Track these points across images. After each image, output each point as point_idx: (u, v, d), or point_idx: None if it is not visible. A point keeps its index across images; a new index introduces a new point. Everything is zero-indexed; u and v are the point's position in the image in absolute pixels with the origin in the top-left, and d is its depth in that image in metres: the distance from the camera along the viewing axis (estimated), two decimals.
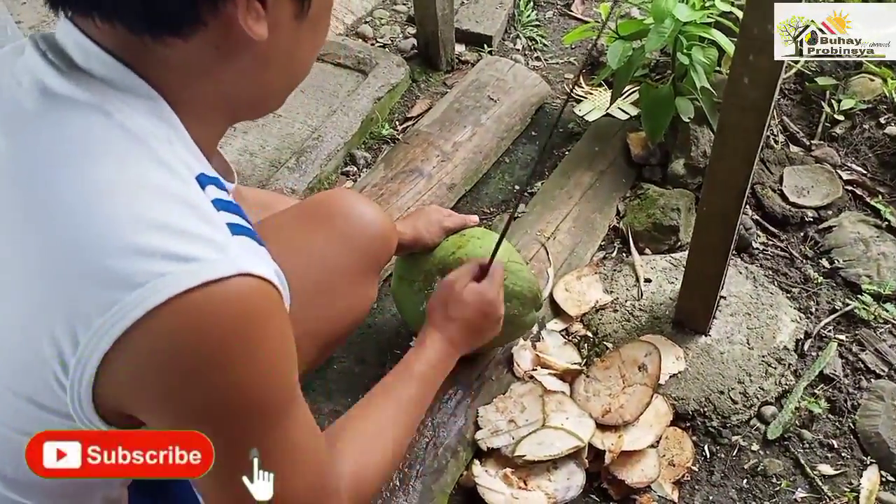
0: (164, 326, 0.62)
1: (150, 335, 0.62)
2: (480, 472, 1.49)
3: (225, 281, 0.64)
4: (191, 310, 0.62)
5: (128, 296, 0.61)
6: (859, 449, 1.57)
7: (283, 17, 0.70)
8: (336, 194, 1.29)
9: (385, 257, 1.29)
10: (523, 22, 2.75)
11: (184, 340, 0.63)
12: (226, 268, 0.64)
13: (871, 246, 1.90)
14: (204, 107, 0.73)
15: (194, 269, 0.63)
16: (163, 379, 0.65)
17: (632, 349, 1.65)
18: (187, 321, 0.63)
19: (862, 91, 2.23)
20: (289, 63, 0.77)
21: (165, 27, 0.65)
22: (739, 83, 1.24)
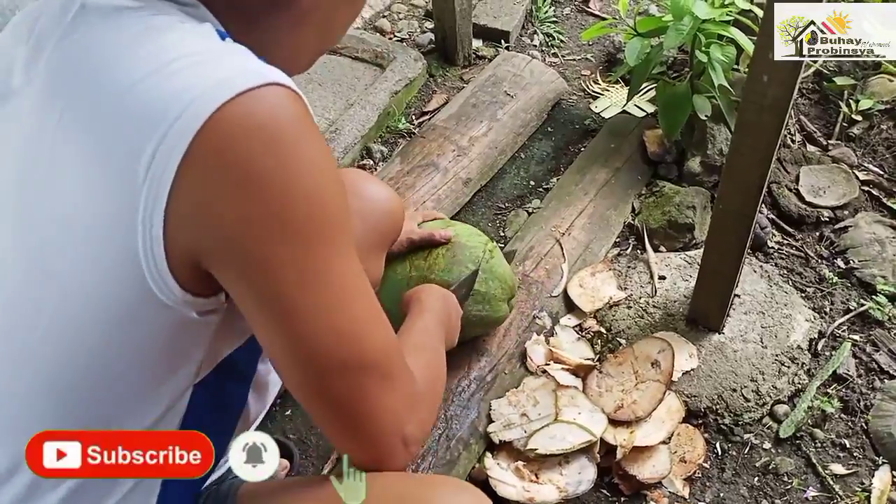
0: (209, 147, 0.63)
1: (201, 160, 0.64)
2: (492, 464, 1.50)
3: (257, 89, 0.65)
4: (228, 123, 0.64)
5: (173, 127, 0.63)
6: (871, 449, 1.57)
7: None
8: (348, 173, 1.32)
9: (393, 235, 1.33)
10: (541, 18, 2.75)
11: (228, 154, 0.64)
12: (255, 79, 0.65)
13: (887, 246, 1.89)
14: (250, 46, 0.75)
15: (225, 84, 0.64)
16: (218, 202, 0.65)
17: (645, 346, 1.65)
18: (227, 134, 0.64)
19: (880, 91, 2.22)
20: (324, 25, 0.80)
21: None
22: (759, 81, 1.24)
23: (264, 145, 0.65)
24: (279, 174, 0.66)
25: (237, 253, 0.67)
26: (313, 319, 0.71)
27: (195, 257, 0.68)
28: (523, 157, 2.26)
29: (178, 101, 0.63)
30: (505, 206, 2.12)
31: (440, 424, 1.53)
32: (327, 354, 0.72)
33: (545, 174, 2.21)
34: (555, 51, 2.67)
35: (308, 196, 0.67)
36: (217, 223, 0.66)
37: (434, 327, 1.14)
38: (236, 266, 0.68)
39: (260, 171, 0.65)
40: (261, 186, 0.65)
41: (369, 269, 1.23)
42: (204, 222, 0.66)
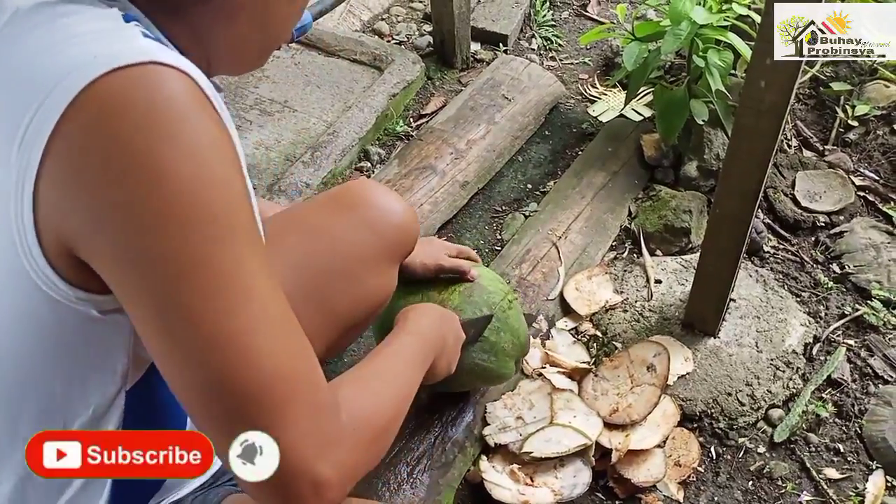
0: (79, 123, 0.60)
1: (69, 135, 0.61)
2: (487, 467, 1.50)
3: (136, 66, 0.61)
4: (100, 98, 0.60)
5: (48, 98, 0.61)
6: (865, 454, 1.57)
7: None
8: (362, 184, 1.29)
9: (406, 248, 1.29)
10: (539, 22, 2.75)
11: (97, 130, 0.60)
12: (136, 55, 0.62)
13: (882, 252, 1.90)
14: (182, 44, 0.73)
15: (100, 59, 0.61)
16: (85, 179, 0.61)
17: (641, 349, 1.66)
18: (98, 110, 0.60)
19: (877, 97, 2.23)
20: (260, 18, 0.76)
21: None
22: (756, 86, 1.25)
23: (135, 123, 0.60)
24: (149, 156, 0.60)
25: (105, 241, 0.62)
26: (189, 324, 0.62)
27: (67, 245, 0.64)
28: (521, 161, 2.27)
29: (57, 72, 0.61)
30: (502, 209, 2.12)
31: (435, 427, 1.53)
32: (207, 368, 0.63)
33: (542, 178, 2.21)
34: (553, 54, 2.68)
35: (182, 181, 0.61)
36: (83, 207, 0.62)
37: (410, 351, 1.02)
38: (105, 256, 0.63)
39: (128, 151, 0.60)
40: (128, 168, 0.60)
41: (381, 283, 1.23)
42: (70, 205, 0.62)
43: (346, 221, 1.19)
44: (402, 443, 1.51)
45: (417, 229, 1.31)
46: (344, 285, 1.16)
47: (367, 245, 1.19)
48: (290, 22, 0.81)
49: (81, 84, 0.60)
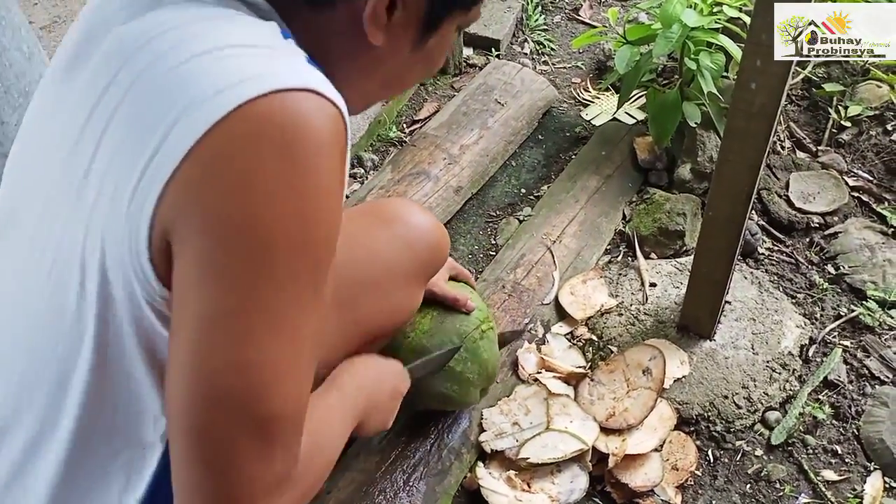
0: (228, 134, 0.63)
1: (213, 144, 0.63)
2: (484, 474, 1.49)
3: (293, 92, 0.64)
4: (254, 116, 0.62)
5: (200, 108, 0.63)
6: (863, 455, 1.57)
7: (403, 37, 0.76)
8: (399, 201, 1.35)
9: (437, 267, 1.31)
10: (531, 26, 2.75)
11: (243, 146, 0.63)
12: (296, 80, 0.64)
13: (877, 252, 1.90)
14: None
15: (263, 79, 0.63)
16: (215, 186, 0.63)
17: (636, 353, 1.65)
18: (249, 127, 0.62)
19: (869, 97, 2.23)
20: (391, 79, 0.82)
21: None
22: (747, 89, 1.25)
23: (282, 148, 0.63)
24: (279, 184, 0.63)
25: (201, 244, 0.64)
26: (232, 342, 0.65)
27: (167, 238, 0.65)
28: (514, 165, 2.27)
29: (214, 84, 0.63)
30: (496, 214, 2.12)
31: (431, 434, 1.53)
32: (225, 385, 0.65)
33: (536, 182, 2.21)
34: (545, 59, 2.68)
35: (299, 216, 0.64)
36: (200, 210, 0.64)
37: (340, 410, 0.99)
38: (194, 256, 0.65)
39: (261, 174, 0.63)
40: (255, 189, 0.63)
41: (409, 298, 1.26)
42: (192, 201, 0.64)
43: (384, 235, 1.23)
44: (398, 450, 1.50)
45: (448, 249, 1.34)
46: (374, 297, 1.19)
47: (402, 261, 1.22)
48: (415, 81, 0.87)
49: (242, 98, 0.62)
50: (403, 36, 0.76)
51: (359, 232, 1.21)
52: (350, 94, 0.78)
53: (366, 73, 0.79)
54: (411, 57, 0.79)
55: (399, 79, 0.84)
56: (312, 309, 0.69)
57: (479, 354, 1.43)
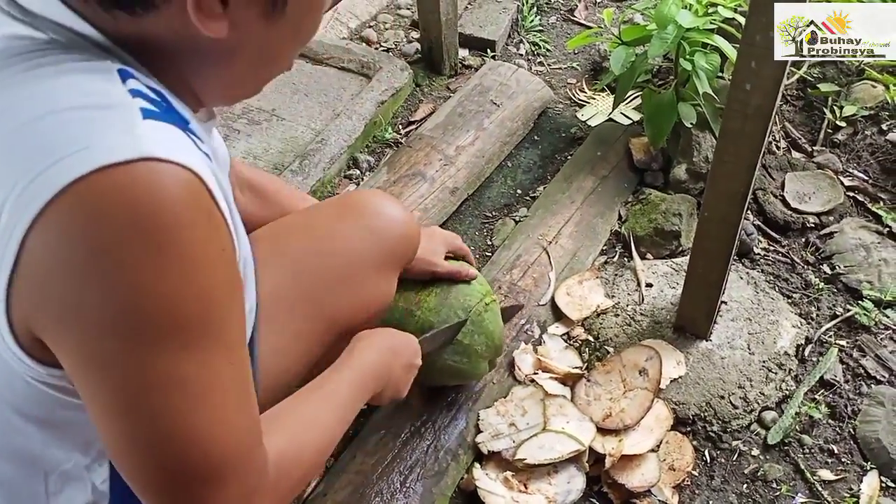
0: (59, 218, 0.57)
1: (47, 229, 0.57)
2: (481, 475, 1.49)
3: (126, 165, 0.57)
4: (87, 196, 0.57)
5: (30, 185, 0.57)
6: (859, 454, 1.57)
7: (247, 15, 0.66)
8: (368, 193, 1.31)
9: (408, 258, 1.31)
10: (527, 27, 2.76)
11: (79, 231, 0.57)
12: (127, 151, 0.58)
13: (873, 252, 1.90)
14: (171, 82, 0.70)
15: (90, 153, 0.57)
16: (60, 278, 0.59)
17: (633, 353, 1.65)
18: (82, 210, 0.57)
19: (864, 97, 2.23)
20: (260, 57, 0.73)
21: (114, 2, 0.62)
22: (742, 89, 1.25)
23: (123, 229, 0.58)
24: (132, 265, 0.58)
25: (71, 338, 0.61)
26: (144, 423, 0.64)
27: (34, 333, 0.63)
28: (510, 166, 2.27)
29: (45, 153, 0.58)
30: (492, 214, 2.12)
31: (428, 436, 1.53)
32: (159, 460, 0.65)
33: (532, 183, 2.21)
34: (541, 59, 2.68)
35: (161, 296, 0.60)
36: (55, 301, 0.60)
37: (347, 391, 1.00)
38: (69, 351, 0.62)
39: (112, 257, 0.58)
40: (108, 273, 0.58)
41: (381, 289, 1.24)
42: (42, 297, 0.60)
43: (351, 227, 1.21)
44: (394, 452, 1.50)
45: (419, 239, 1.33)
46: (344, 290, 1.17)
47: (370, 251, 1.20)
48: (291, 54, 0.78)
49: (72, 176, 0.56)
50: (246, 13, 0.66)
51: (325, 226, 1.20)
52: (228, 85, 0.75)
53: (226, 63, 0.71)
54: (271, 30, 0.69)
55: (267, 55, 0.73)
56: (218, 360, 0.66)
57: (484, 326, 1.45)
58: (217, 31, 0.64)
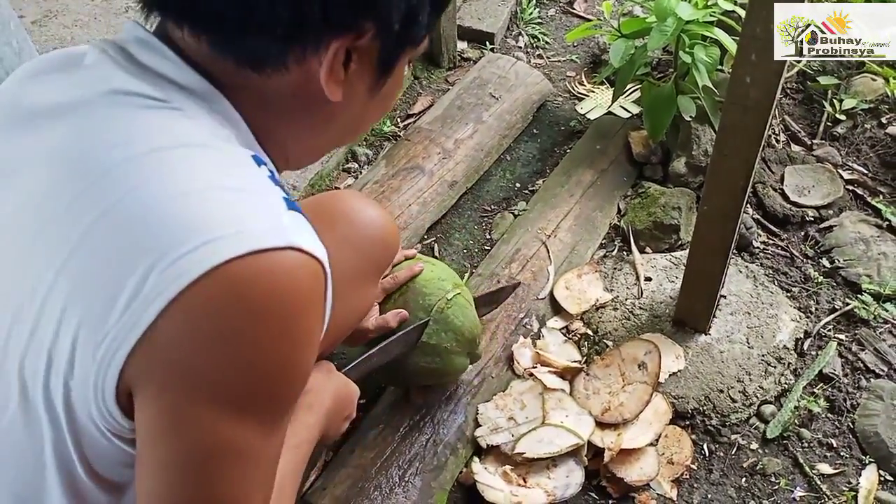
0: (206, 294, 0.60)
1: (190, 304, 0.60)
2: (480, 469, 1.49)
3: (274, 252, 0.61)
4: (235, 278, 0.60)
5: (174, 265, 0.60)
6: (858, 448, 1.57)
7: (360, 86, 0.72)
8: (340, 196, 1.28)
9: (388, 261, 1.28)
10: (525, 19, 2.75)
11: (222, 308, 0.60)
12: (276, 239, 0.62)
13: (872, 246, 1.90)
14: (270, 145, 0.74)
15: (243, 237, 0.61)
16: (186, 344, 0.62)
17: (632, 347, 1.65)
18: (230, 289, 0.60)
19: (864, 91, 2.23)
20: (350, 126, 0.79)
21: (250, 59, 0.67)
22: (741, 83, 1.24)
23: (261, 315, 0.61)
24: (257, 345, 0.62)
25: (168, 396, 0.63)
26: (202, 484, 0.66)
27: (133, 384, 0.64)
28: (509, 160, 2.26)
29: (193, 236, 0.60)
30: (491, 208, 2.11)
31: (427, 430, 1.53)
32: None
33: (531, 176, 2.21)
34: (540, 52, 2.67)
35: (270, 376, 0.64)
36: (172, 362, 0.62)
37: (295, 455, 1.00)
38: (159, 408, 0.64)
39: (242, 336, 0.62)
40: (232, 348, 0.62)
41: (363, 297, 1.23)
42: (163, 357, 0.62)
43: (327, 239, 1.15)
44: (393, 446, 1.50)
45: (397, 241, 1.30)
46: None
47: (348, 262, 1.16)
48: (367, 129, 0.82)
49: (223, 257, 0.59)
50: (359, 85, 0.73)
51: None
52: (307, 149, 0.79)
53: (323, 127, 0.76)
54: (369, 102, 0.76)
55: (356, 125, 0.80)
56: (279, 435, 0.70)
57: (450, 322, 1.42)
58: (335, 95, 0.69)
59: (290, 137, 0.75)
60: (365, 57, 0.70)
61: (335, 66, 0.67)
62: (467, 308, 1.47)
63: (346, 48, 0.67)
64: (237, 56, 0.67)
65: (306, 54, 0.66)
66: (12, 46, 1.34)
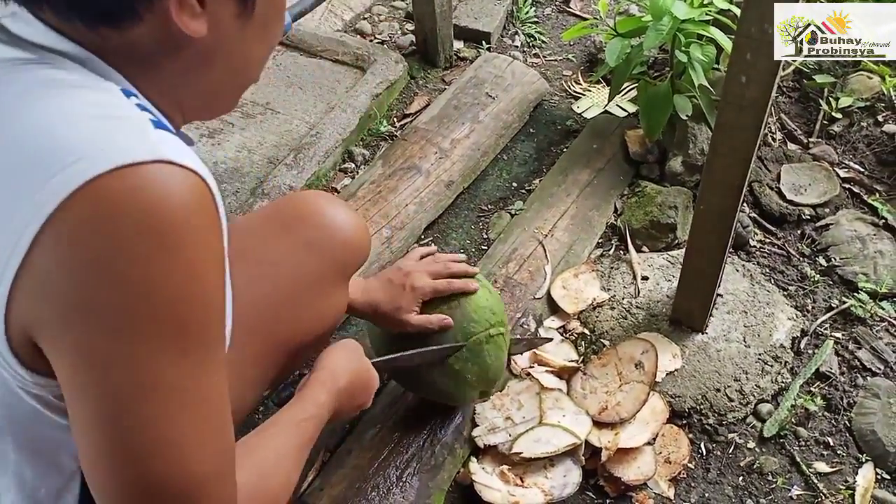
0: (75, 216, 0.58)
1: (59, 229, 0.58)
2: (477, 468, 1.49)
3: (142, 165, 0.59)
4: (103, 195, 0.58)
5: (40, 192, 0.58)
6: (855, 447, 1.57)
7: (223, 14, 0.69)
8: (306, 198, 1.24)
9: (356, 264, 1.24)
10: (522, 18, 2.74)
11: (91, 229, 0.58)
12: (144, 152, 0.60)
13: (868, 244, 1.90)
14: (155, 96, 0.71)
15: (107, 153, 0.59)
16: (69, 275, 0.59)
17: (629, 347, 1.65)
18: (98, 208, 0.58)
19: (860, 89, 2.23)
20: (235, 61, 0.75)
21: (100, 18, 0.64)
22: (737, 82, 1.24)
23: (137, 228, 0.59)
24: (145, 264, 0.60)
25: (72, 336, 0.61)
26: (138, 428, 0.63)
27: (30, 333, 0.63)
28: (505, 159, 2.26)
29: (61, 156, 0.59)
30: (488, 208, 2.11)
31: (424, 430, 1.52)
32: (141, 470, 0.64)
33: (527, 175, 2.21)
34: (536, 51, 2.67)
35: (170, 296, 0.61)
36: (61, 298, 0.60)
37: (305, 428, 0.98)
38: (67, 349, 0.62)
39: (125, 255, 0.59)
40: (120, 272, 0.59)
41: (331, 304, 1.19)
42: (47, 295, 0.60)
43: (288, 244, 1.14)
44: (390, 446, 1.50)
45: (366, 242, 1.26)
46: (290, 313, 1.12)
47: (311, 268, 1.15)
48: (262, 62, 0.80)
49: (86, 176, 0.58)
50: (223, 13, 0.69)
51: (258, 247, 1.13)
52: (205, 96, 0.77)
53: (204, 68, 0.73)
54: (244, 32, 0.72)
55: (242, 61, 0.76)
56: (211, 372, 0.67)
57: (482, 358, 1.42)
58: (197, 30, 0.66)
59: (175, 86, 0.73)
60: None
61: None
62: (501, 351, 1.47)
63: None
64: (86, 19, 0.65)
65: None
66: None
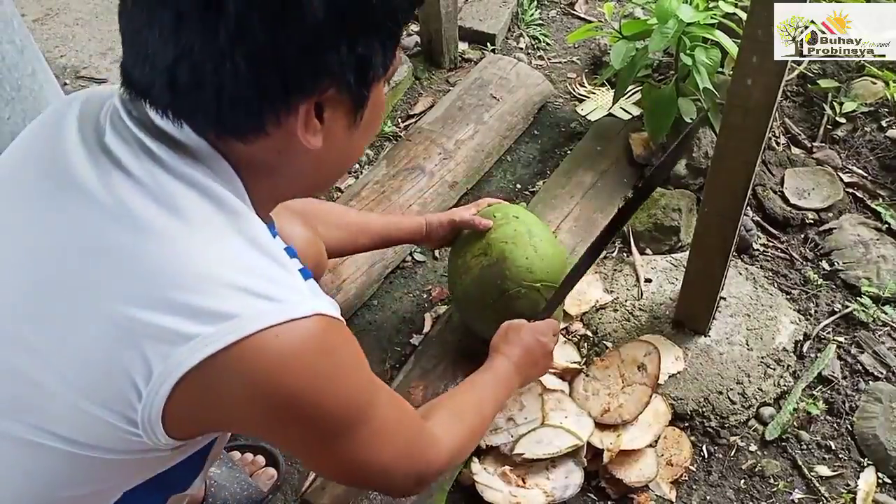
0: (246, 360, 0.69)
1: (231, 367, 0.69)
2: (479, 469, 1.49)
3: (304, 319, 0.72)
4: (273, 344, 0.70)
5: (210, 328, 0.68)
6: (857, 451, 1.57)
7: (338, 127, 0.78)
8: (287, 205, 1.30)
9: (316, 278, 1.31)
10: (527, 20, 2.75)
11: (268, 374, 0.70)
12: (305, 308, 0.72)
13: (871, 248, 1.90)
14: (264, 197, 0.81)
15: (278, 307, 0.70)
16: (249, 408, 0.72)
17: (631, 349, 1.65)
18: (270, 356, 0.70)
19: (864, 94, 2.23)
20: (341, 160, 0.85)
21: (230, 131, 0.73)
22: (742, 85, 1.25)
23: (302, 374, 0.72)
24: (313, 397, 0.74)
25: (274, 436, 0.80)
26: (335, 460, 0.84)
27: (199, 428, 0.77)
28: (509, 161, 2.26)
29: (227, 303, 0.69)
30: None
31: None
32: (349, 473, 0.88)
33: (531, 177, 2.21)
34: (541, 53, 2.67)
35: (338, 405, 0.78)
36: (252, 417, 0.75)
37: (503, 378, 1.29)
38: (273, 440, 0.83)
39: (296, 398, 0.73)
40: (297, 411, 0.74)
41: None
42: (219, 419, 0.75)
43: None
44: None
45: (324, 261, 1.38)
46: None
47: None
48: (363, 151, 0.92)
49: (257, 327, 0.69)
50: (337, 127, 0.78)
51: None
52: (301, 191, 0.87)
53: (315, 170, 0.82)
54: (351, 136, 0.81)
55: (345, 159, 0.86)
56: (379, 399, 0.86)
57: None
58: (315, 144, 0.76)
59: (281, 187, 0.82)
60: (335, 103, 0.75)
61: (308, 121, 0.74)
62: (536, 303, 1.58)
63: (315, 103, 0.73)
64: (220, 131, 0.73)
65: (280, 118, 0.72)
66: (15, 44, 1.34)
